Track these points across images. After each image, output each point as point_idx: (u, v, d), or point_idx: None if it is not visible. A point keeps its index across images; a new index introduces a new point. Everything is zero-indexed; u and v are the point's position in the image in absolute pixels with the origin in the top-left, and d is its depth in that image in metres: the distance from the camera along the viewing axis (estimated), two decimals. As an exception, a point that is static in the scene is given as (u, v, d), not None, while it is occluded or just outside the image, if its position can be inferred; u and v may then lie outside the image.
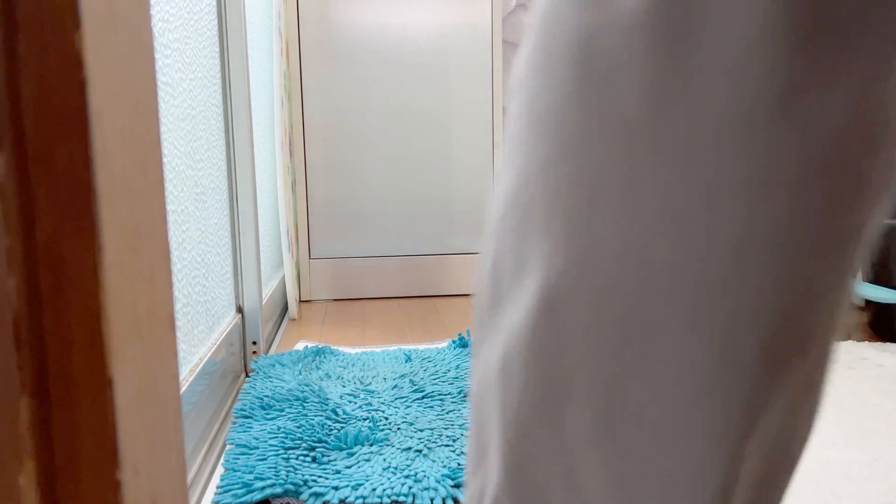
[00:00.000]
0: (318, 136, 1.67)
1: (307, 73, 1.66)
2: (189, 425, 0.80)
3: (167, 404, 0.33)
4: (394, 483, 0.71)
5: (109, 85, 0.27)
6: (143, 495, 0.29)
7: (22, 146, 0.25)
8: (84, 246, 0.26)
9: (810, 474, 0.73)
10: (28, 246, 0.26)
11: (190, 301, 0.83)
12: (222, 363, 0.99)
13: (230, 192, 1.09)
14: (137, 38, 0.31)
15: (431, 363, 1.11)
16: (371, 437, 0.82)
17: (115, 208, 0.27)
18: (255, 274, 1.14)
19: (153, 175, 0.32)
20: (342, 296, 1.71)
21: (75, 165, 0.26)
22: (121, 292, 0.28)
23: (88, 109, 0.26)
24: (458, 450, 0.79)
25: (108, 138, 0.27)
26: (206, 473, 0.78)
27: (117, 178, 0.28)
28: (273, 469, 0.72)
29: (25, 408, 0.26)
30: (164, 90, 0.75)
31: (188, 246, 0.83)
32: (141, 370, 0.30)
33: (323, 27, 1.65)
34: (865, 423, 0.87)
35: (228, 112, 1.09)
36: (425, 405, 0.93)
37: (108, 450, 0.27)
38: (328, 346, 1.20)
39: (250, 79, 1.15)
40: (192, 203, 0.85)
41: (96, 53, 0.26)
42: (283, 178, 1.44)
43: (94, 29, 0.26)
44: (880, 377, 1.05)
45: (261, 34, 1.44)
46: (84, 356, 0.26)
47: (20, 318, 0.25)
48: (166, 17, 0.77)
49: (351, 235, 1.70)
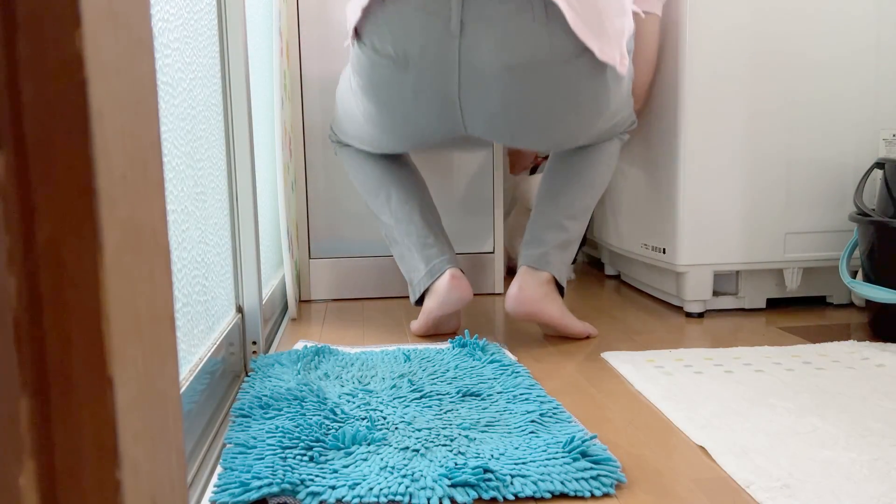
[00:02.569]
0: (318, 136, 1.67)
1: (307, 73, 1.66)
2: (189, 425, 0.80)
3: (167, 404, 0.33)
4: (391, 482, 0.71)
5: (109, 85, 0.27)
6: (143, 495, 0.29)
7: (22, 146, 0.25)
8: (84, 246, 0.26)
9: (810, 474, 0.74)
10: (28, 246, 0.26)
11: (190, 301, 0.83)
12: (222, 363, 0.99)
13: (230, 191, 1.09)
14: (137, 38, 0.31)
15: (430, 363, 1.11)
16: (369, 437, 0.82)
17: (115, 208, 0.27)
18: (255, 274, 1.14)
19: (153, 175, 0.32)
20: (342, 296, 1.72)
21: (75, 165, 0.26)
22: (121, 292, 0.28)
23: (88, 109, 0.26)
24: (456, 449, 0.79)
25: (108, 138, 0.27)
26: (205, 473, 0.78)
27: (117, 178, 0.28)
28: (270, 468, 0.72)
29: (25, 408, 0.26)
30: (164, 90, 0.75)
31: (188, 246, 0.83)
32: (141, 370, 0.30)
33: (323, 27, 1.65)
34: (865, 423, 0.87)
35: (228, 112, 1.09)
36: (423, 405, 0.93)
37: (108, 450, 0.27)
38: (327, 346, 1.20)
39: (250, 79, 1.15)
40: (192, 203, 0.85)
41: (96, 53, 0.26)
42: (283, 178, 1.44)
43: (94, 29, 0.26)
44: (880, 377, 1.05)
45: (261, 34, 1.44)
46: (84, 356, 0.26)
47: (20, 318, 0.25)
48: (166, 17, 0.77)
49: (351, 235, 1.70)
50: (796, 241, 1.48)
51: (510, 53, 1.12)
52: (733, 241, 1.46)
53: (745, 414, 0.91)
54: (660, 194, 1.52)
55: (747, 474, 0.74)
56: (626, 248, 1.71)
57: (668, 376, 1.06)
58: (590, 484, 0.72)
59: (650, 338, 1.32)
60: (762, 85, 1.43)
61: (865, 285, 1.30)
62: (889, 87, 1.47)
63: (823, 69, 1.44)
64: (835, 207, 1.48)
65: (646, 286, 1.71)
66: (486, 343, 1.19)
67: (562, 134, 1.25)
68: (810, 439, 0.83)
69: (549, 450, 0.78)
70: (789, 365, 1.11)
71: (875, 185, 1.41)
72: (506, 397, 0.96)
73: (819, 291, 1.55)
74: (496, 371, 1.07)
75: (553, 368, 1.14)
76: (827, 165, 1.47)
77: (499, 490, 0.71)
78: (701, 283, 1.46)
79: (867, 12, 1.44)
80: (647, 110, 1.56)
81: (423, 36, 1.14)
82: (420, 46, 1.14)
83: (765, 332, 1.34)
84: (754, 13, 1.41)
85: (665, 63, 1.47)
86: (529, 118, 1.20)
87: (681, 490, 0.73)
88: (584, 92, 1.17)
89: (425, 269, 1.33)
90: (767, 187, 1.46)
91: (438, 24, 1.13)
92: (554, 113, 1.20)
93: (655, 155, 1.53)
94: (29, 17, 0.25)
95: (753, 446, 0.81)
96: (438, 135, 1.29)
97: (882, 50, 1.46)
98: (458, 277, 1.29)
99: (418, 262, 1.34)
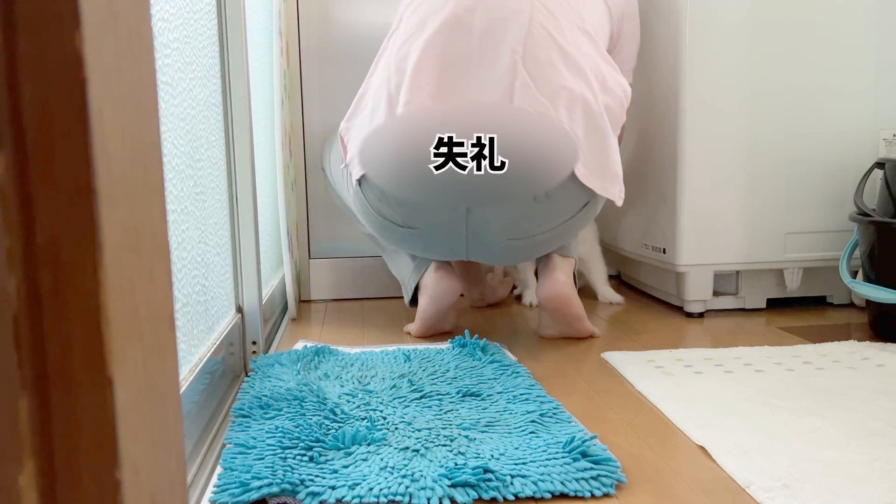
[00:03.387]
0: (318, 136, 1.67)
1: (307, 73, 1.66)
2: (189, 425, 0.80)
3: (167, 404, 0.33)
4: (391, 483, 0.71)
5: (109, 85, 0.27)
6: (143, 495, 0.29)
7: (22, 146, 0.25)
8: (84, 246, 0.26)
9: (810, 474, 0.73)
10: (28, 246, 0.26)
11: (190, 301, 0.83)
12: (222, 363, 0.99)
13: (230, 191, 1.09)
14: (137, 38, 0.31)
15: (430, 363, 1.11)
16: (369, 437, 0.82)
17: (115, 208, 0.27)
18: (255, 274, 1.14)
19: (153, 175, 0.32)
20: (342, 296, 1.72)
21: (75, 165, 0.26)
22: (121, 292, 0.28)
23: (88, 109, 0.26)
24: (456, 449, 0.79)
25: (108, 138, 0.27)
26: (205, 473, 0.78)
27: (117, 178, 0.28)
28: (270, 468, 0.72)
29: (25, 408, 0.26)
30: (164, 90, 0.75)
31: (188, 246, 0.83)
32: (141, 370, 0.30)
33: (323, 27, 1.65)
34: (865, 423, 0.87)
35: (228, 112, 1.09)
36: (423, 405, 0.93)
37: (108, 450, 0.27)
38: (327, 346, 1.20)
39: (250, 79, 1.15)
40: (192, 203, 0.85)
41: (96, 53, 0.26)
42: (283, 178, 1.44)
43: (94, 29, 0.26)
44: (880, 377, 1.05)
45: (261, 34, 1.44)
46: (84, 356, 0.26)
47: (20, 318, 0.25)
48: (166, 17, 0.77)
49: (351, 235, 1.70)
50: (796, 241, 1.48)
51: (516, 229, 1.20)
52: (733, 241, 1.46)
53: (745, 414, 0.91)
54: (660, 194, 1.52)
55: (747, 474, 0.74)
56: (626, 247, 1.71)
57: (668, 376, 1.06)
58: (590, 484, 0.72)
59: (650, 338, 1.32)
60: (762, 85, 1.43)
61: (865, 285, 1.30)
62: (889, 87, 1.47)
63: (823, 69, 1.44)
64: (835, 207, 1.48)
65: (646, 286, 1.71)
66: (486, 343, 1.19)
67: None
68: (810, 439, 0.83)
69: (549, 450, 0.78)
70: (789, 365, 1.11)
71: (875, 185, 1.41)
72: (506, 397, 0.96)
73: (819, 291, 1.55)
74: (496, 371, 1.07)
75: (553, 368, 1.14)
76: (827, 165, 1.47)
77: (499, 490, 0.71)
78: (701, 283, 1.46)
79: (867, 12, 1.44)
80: (647, 111, 1.56)
81: (433, 216, 1.19)
82: (430, 224, 1.20)
83: (765, 332, 1.34)
84: (754, 13, 1.41)
85: (665, 63, 1.47)
86: (531, 254, 1.30)
87: (681, 490, 0.73)
88: (580, 222, 1.27)
89: (413, 266, 1.35)
90: (768, 187, 1.46)
91: (446, 209, 1.18)
92: (553, 245, 1.28)
93: (655, 155, 1.53)
94: (29, 17, 0.25)
95: (753, 446, 0.81)
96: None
97: (882, 50, 1.46)
98: (443, 268, 1.31)
99: (407, 260, 1.37)
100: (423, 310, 1.33)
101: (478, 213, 1.17)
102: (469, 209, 1.17)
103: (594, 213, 1.29)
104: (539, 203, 1.17)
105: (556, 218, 1.21)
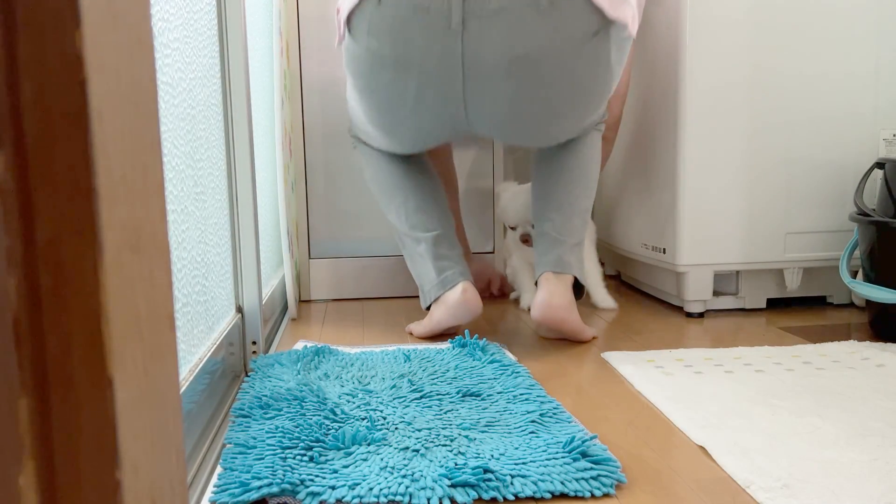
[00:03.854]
0: (318, 136, 1.67)
1: (307, 73, 1.66)
2: (189, 425, 0.80)
3: (167, 404, 0.33)
4: (391, 483, 0.71)
5: (109, 85, 0.27)
6: (143, 495, 0.29)
7: (22, 146, 0.25)
8: (84, 246, 0.26)
9: (810, 474, 0.73)
10: (28, 246, 0.26)
11: (190, 301, 0.83)
12: (222, 363, 0.99)
13: (230, 191, 1.09)
14: (137, 38, 0.31)
15: (430, 363, 1.11)
16: (369, 437, 0.82)
17: (115, 208, 0.27)
18: (255, 274, 1.14)
19: (153, 175, 0.32)
20: (342, 296, 1.72)
21: (75, 165, 0.26)
22: (121, 292, 0.28)
23: (88, 109, 0.26)
24: (456, 449, 0.79)
25: (108, 138, 0.27)
26: (205, 473, 0.78)
27: (117, 178, 0.28)
28: (270, 468, 0.72)
29: (25, 408, 0.26)
30: (164, 90, 0.75)
31: (188, 246, 0.83)
32: (141, 370, 0.30)
33: (323, 27, 1.65)
34: (865, 423, 0.87)
35: (228, 112, 1.09)
36: (423, 405, 0.93)
37: (108, 450, 0.27)
38: (327, 346, 1.20)
39: (250, 79, 1.15)
40: (191, 203, 0.85)
41: (96, 53, 0.26)
42: (283, 178, 1.44)
43: (94, 29, 0.26)
44: (880, 377, 1.05)
45: (261, 34, 1.44)
46: (84, 356, 0.26)
47: (20, 318, 0.25)
48: (166, 17, 0.77)
49: (351, 235, 1.70)
50: (796, 241, 1.48)
51: (517, 44, 1.12)
52: (733, 241, 1.46)
53: (745, 414, 0.91)
54: (660, 194, 1.52)
55: (747, 474, 0.74)
56: (626, 247, 1.71)
57: (668, 376, 1.06)
58: (590, 484, 0.72)
59: (650, 338, 1.32)
60: (762, 85, 1.43)
61: (865, 285, 1.30)
62: (889, 87, 1.47)
63: (824, 69, 1.44)
64: (835, 207, 1.48)
65: (646, 286, 1.71)
66: (486, 343, 1.19)
67: (563, 121, 1.25)
68: (810, 439, 0.83)
69: (549, 450, 0.78)
70: (789, 365, 1.11)
71: (875, 185, 1.41)
72: (506, 397, 0.96)
73: (819, 291, 1.55)
74: (496, 371, 1.07)
75: (553, 368, 1.14)
76: (827, 165, 1.47)
77: (499, 490, 0.71)
78: (701, 283, 1.46)
79: (867, 12, 1.44)
80: (647, 111, 1.56)
81: (423, 36, 1.13)
82: (421, 48, 1.14)
83: (765, 332, 1.34)
84: (754, 13, 1.41)
85: (665, 63, 1.47)
86: (535, 107, 1.21)
87: (681, 490, 0.73)
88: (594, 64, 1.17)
89: (437, 279, 1.31)
90: (767, 187, 1.46)
91: (438, 22, 1.12)
92: (561, 96, 1.20)
93: (655, 155, 1.53)
94: (29, 17, 0.25)
95: (753, 446, 0.81)
96: (440, 136, 1.29)
97: (882, 50, 1.46)
98: (469, 291, 1.28)
99: (430, 270, 1.32)
100: (437, 321, 1.30)
101: (474, 28, 1.11)
102: (464, 20, 1.11)
103: (606, 58, 1.19)
104: (542, 15, 1.11)
105: (561, 42, 1.13)
